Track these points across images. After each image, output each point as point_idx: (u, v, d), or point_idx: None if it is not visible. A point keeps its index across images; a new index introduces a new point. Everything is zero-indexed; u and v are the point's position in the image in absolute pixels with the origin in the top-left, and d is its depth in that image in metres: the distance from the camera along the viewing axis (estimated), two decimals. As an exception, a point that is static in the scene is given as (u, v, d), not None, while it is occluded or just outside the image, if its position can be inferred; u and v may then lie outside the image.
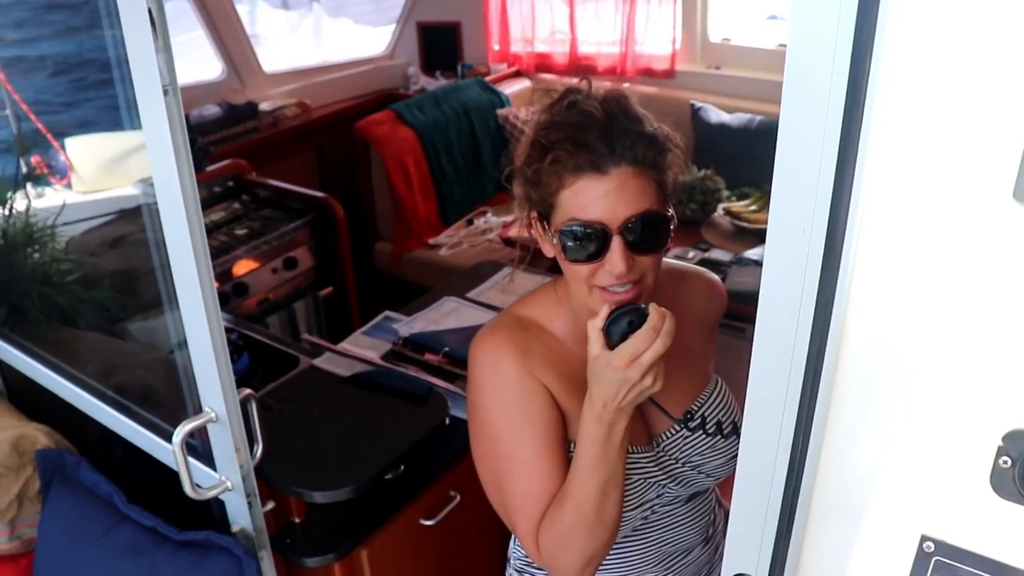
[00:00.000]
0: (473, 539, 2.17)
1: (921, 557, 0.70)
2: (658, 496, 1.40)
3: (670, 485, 1.41)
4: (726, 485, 1.52)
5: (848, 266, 0.75)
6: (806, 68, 0.72)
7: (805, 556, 0.88)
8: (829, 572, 0.84)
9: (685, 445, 1.40)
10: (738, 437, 1.39)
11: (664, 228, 1.23)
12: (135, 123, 1.51)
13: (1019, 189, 0.65)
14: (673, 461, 1.41)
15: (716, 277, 1.55)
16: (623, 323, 1.15)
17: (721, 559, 1.57)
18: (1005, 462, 0.65)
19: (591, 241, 1.20)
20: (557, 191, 1.22)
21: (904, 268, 0.72)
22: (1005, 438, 0.65)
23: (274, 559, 1.80)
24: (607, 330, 1.16)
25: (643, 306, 1.16)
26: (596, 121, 1.21)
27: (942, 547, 0.69)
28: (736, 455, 1.40)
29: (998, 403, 0.66)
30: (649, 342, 1.13)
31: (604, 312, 1.17)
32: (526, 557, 1.51)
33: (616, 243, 1.19)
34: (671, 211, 1.25)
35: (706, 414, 1.42)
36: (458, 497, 2.08)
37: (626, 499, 1.32)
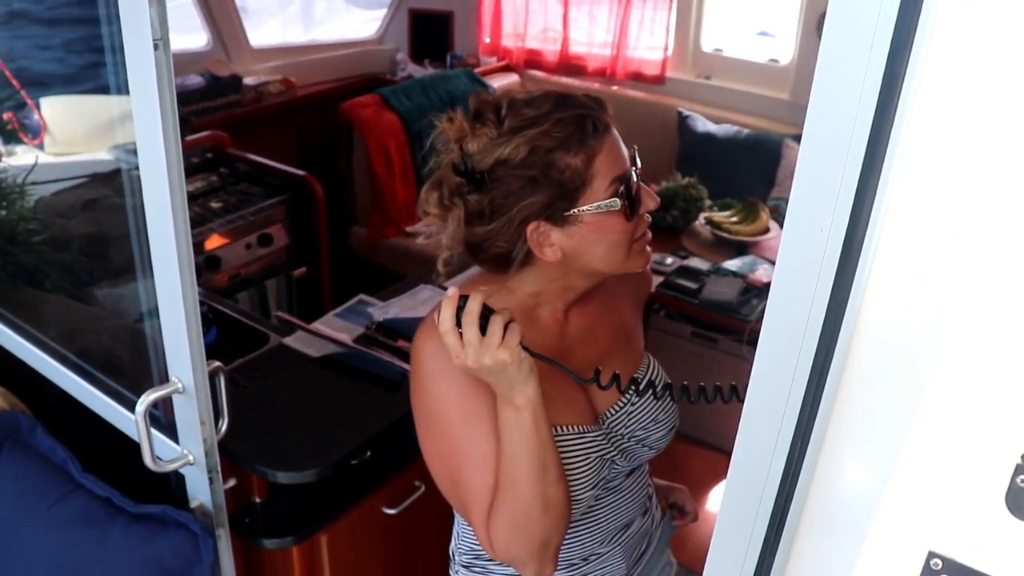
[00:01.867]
0: (434, 531, 2.13)
1: (927, 574, 0.67)
2: (609, 472, 1.40)
3: (618, 460, 1.41)
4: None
5: (865, 269, 0.72)
6: (840, 60, 0.69)
7: (792, 567, 0.85)
8: (821, 584, 0.82)
9: (629, 419, 1.42)
10: (673, 400, 1.44)
11: None
12: (117, 86, 1.46)
13: (1049, 201, 0.63)
14: (620, 436, 1.41)
15: None
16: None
17: (657, 527, 1.58)
18: (1023, 481, 0.63)
19: (635, 189, 1.24)
20: (591, 160, 1.22)
21: (924, 274, 0.70)
22: (1024, 456, 0.63)
23: (232, 538, 1.75)
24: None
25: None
26: (559, 95, 1.24)
27: (950, 565, 0.66)
28: (674, 427, 1.46)
29: (1019, 419, 0.63)
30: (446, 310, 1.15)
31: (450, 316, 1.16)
32: (473, 551, 1.49)
33: (638, 181, 1.26)
34: None
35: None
36: (423, 488, 2.04)
37: (584, 479, 1.33)
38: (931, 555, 0.67)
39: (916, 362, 0.69)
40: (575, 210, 1.23)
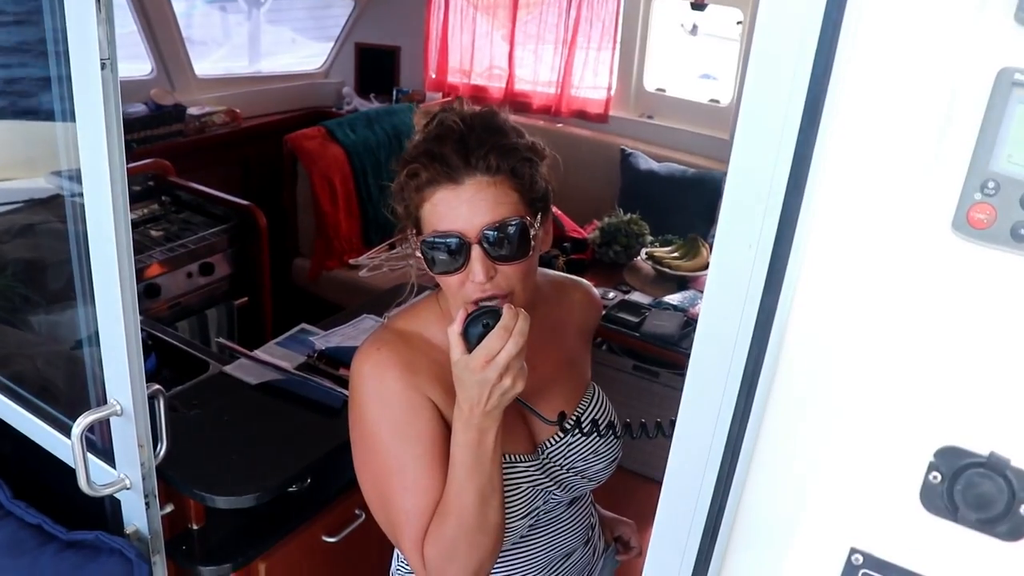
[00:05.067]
0: (374, 560, 2.12)
1: (849, 570, 0.70)
2: (544, 503, 1.41)
3: (555, 491, 1.42)
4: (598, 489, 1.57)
5: (791, 283, 0.76)
6: (766, 81, 0.73)
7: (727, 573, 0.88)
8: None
9: (568, 451, 1.43)
10: (616, 438, 1.44)
11: (525, 236, 1.24)
12: (62, 112, 1.46)
13: (957, 220, 0.68)
14: (558, 468, 1.43)
15: (592, 287, 1.65)
16: (479, 325, 1.16)
17: (599, 559, 1.59)
18: (935, 477, 0.67)
19: (451, 252, 1.22)
20: (419, 205, 1.25)
21: (845, 287, 0.74)
22: (936, 454, 0.67)
23: (168, 565, 1.72)
24: (465, 334, 1.17)
25: (497, 307, 1.17)
26: (453, 133, 1.23)
27: (870, 560, 0.70)
28: (616, 459, 1.47)
29: (931, 419, 0.67)
30: (503, 341, 1.14)
31: (461, 316, 1.18)
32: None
33: (476, 252, 1.21)
34: (535, 219, 1.26)
35: (581, 417, 1.44)
36: (363, 516, 2.03)
37: (515, 507, 1.34)
38: (852, 551, 0.71)
39: (838, 370, 0.73)
40: (414, 237, 1.28)
